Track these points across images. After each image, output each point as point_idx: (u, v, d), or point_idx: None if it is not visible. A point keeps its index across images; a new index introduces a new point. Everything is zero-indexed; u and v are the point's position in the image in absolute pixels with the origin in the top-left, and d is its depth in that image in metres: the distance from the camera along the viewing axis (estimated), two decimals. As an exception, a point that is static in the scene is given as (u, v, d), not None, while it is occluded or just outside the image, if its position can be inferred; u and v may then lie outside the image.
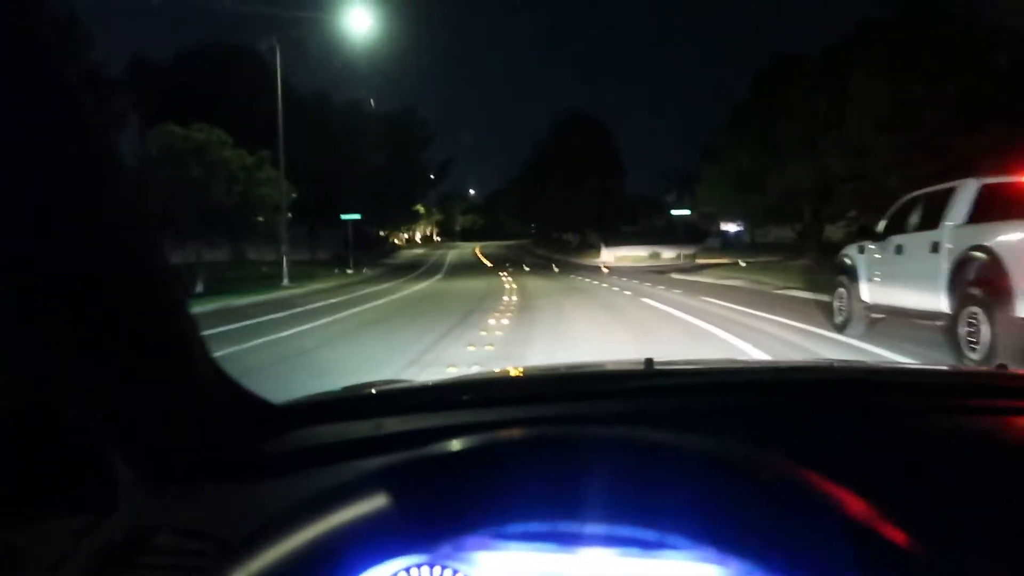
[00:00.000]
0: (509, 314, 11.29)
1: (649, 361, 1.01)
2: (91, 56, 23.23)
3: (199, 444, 0.70)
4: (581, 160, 51.35)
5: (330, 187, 33.03)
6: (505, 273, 25.63)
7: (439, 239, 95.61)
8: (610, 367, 1.18)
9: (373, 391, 0.97)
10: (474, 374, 1.16)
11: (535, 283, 19.31)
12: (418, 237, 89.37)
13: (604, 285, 17.73)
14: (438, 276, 26.23)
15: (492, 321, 11.05)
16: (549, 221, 59.86)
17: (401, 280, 23.27)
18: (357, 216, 31.13)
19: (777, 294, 13.91)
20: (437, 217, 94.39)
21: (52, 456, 0.67)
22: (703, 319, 9.56)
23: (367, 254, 40.12)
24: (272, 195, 21.91)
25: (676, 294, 14.49)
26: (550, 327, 9.38)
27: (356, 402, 0.92)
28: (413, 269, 34.49)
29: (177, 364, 0.67)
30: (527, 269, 29.87)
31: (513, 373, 1.14)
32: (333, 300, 14.92)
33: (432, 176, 57.21)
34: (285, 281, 21.21)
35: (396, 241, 70.33)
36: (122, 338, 0.62)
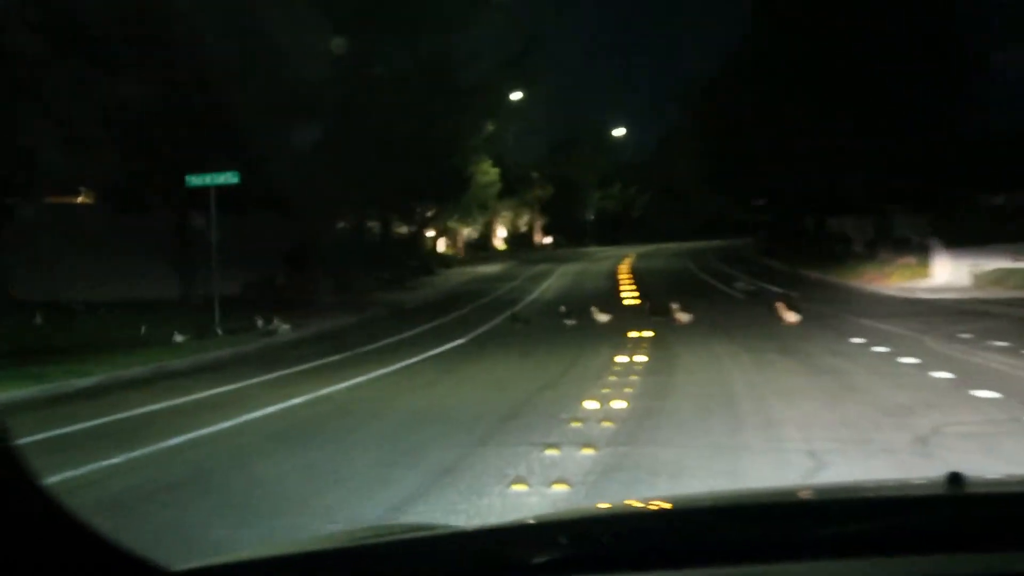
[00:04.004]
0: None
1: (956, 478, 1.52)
2: None
3: None
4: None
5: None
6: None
7: (546, 239, 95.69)
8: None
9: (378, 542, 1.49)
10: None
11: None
12: (500, 235, 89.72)
13: None
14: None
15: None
16: (792, 190, 55.70)
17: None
18: (231, 178, 28.20)
19: None
20: (541, 191, 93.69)
21: None
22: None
23: (342, 282, 41.96)
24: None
25: None
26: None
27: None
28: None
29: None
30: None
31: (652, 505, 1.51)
32: None
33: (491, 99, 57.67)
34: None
35: (444, 247, 73.54)
36: None
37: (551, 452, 9.72)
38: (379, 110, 40.54)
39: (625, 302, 35.05)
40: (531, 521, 2.03)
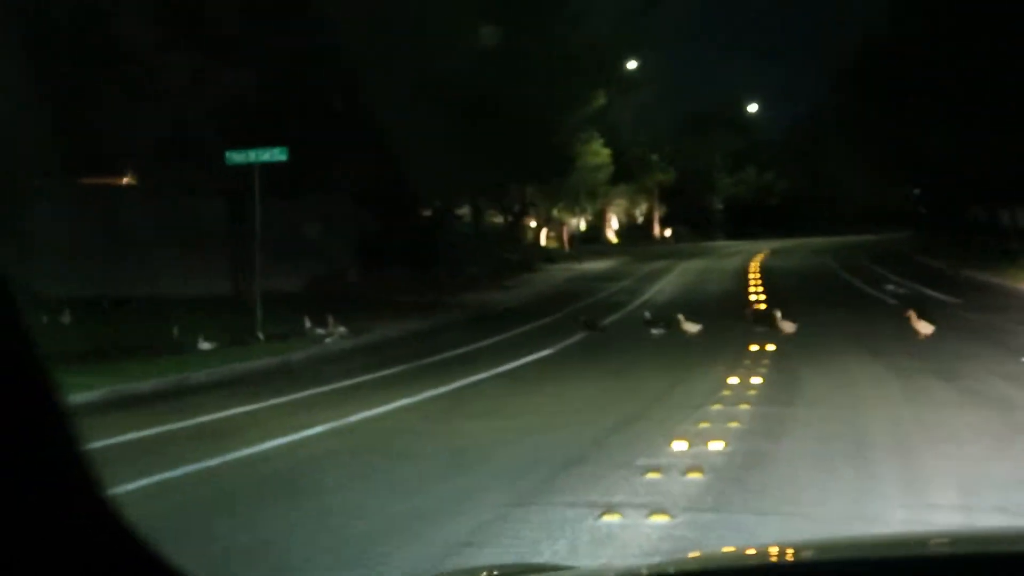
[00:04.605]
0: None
1: None
2: None
3: None
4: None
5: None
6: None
7: (666, 232, 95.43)
8: None
9: None
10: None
11: None
12: (613, 227, 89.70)
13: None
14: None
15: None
16: (960, 174, 54.62)
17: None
18: (278, 155, 27.84)
19: None
20: (662, 176, 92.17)
21: None
22: None
23: (422, 280, 41.53)
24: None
25: None
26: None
27: None
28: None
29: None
30: None
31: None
32: None
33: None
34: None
35: (546, 239, 73.56)
36: None
37: (609, 519, 8.44)
38: (466, 76, 39.57)
39: (753, 307, 33.97)
40: None
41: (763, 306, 33.54)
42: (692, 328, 24.43)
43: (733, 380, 16.74)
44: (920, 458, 10.56)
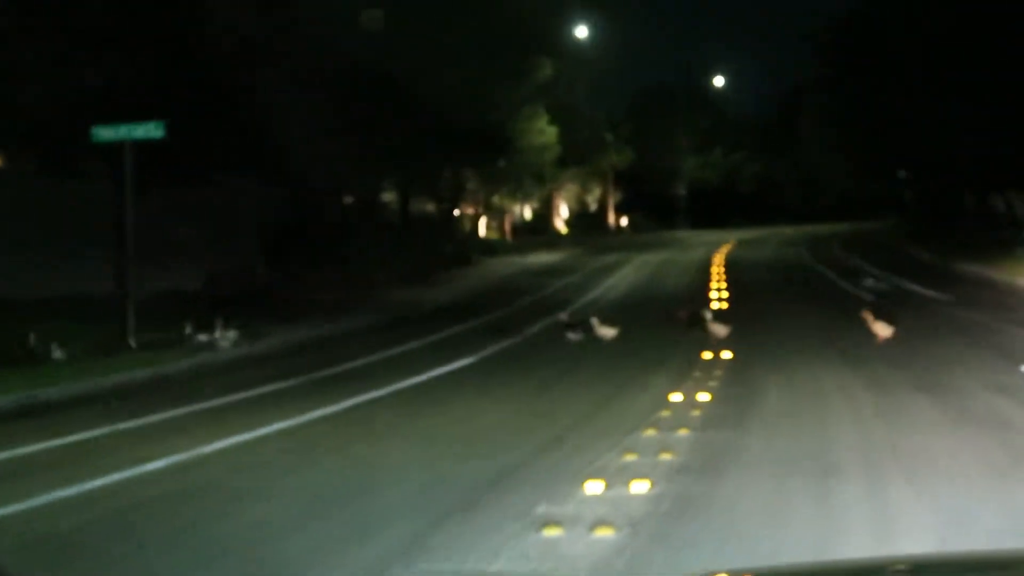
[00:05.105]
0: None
1: None
2: None
3: None
4: None
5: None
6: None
7: (623, 221, 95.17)
8: None
9: None
10: None
11: None
12: (562, 216, 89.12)
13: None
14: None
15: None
16: (948, 155, 55.29)
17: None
18: (153, 131, 26.37)
19: None
20: (618, 157, 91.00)
21: None
22: None
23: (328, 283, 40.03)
24: None
25: None
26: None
27: None
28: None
29: None
30: None
31: None
32: None
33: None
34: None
35: (486, 230, 73.31)
36: None
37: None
38: (380, 45, 38.90)
39: (714, 304, 33.76)
40: None
41: (725, 304, 33.59)
42: (608, 332, 24.21)
43: (676, 397, 15.67)
44: (895, 495, 9.76)
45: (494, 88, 49.63)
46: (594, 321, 24.59)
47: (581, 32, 60.17)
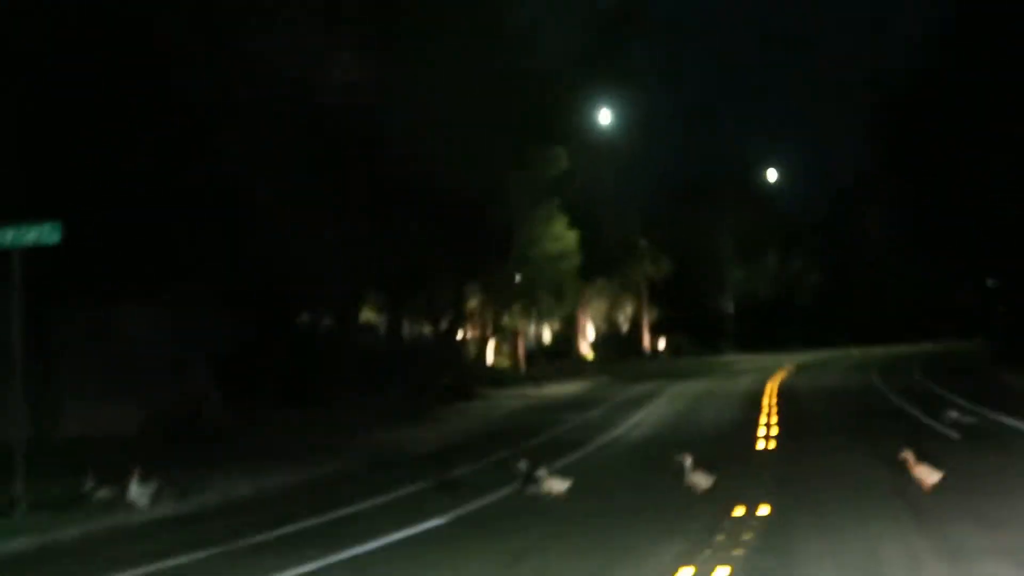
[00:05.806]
0: None
1: None
2: None
3: None
4: None
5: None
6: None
7: (659, 343, 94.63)
8: None
9: None
10: None
11: None
12: (588, 338, 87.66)
13: None
14: None
15: None
16: None
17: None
18: (49, 235, 23.08)
19: None
20: (653, 268, 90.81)
21: None
22: None
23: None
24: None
25: None
26: None
27: None
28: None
29: None
30: None
31: None
32: None
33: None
34: None
35: (490, 354, 72.37)
36: None
37: None
38: (373, 128, 38.44)
39: (758, 445, 33.09)
40: None
41: (773, 444, 32.88)
42: (557, 487, 22.96)
43: (686, 573, 14.04)
44: None
45: (497, 182, 48.58)
46: (542, 473, 23.19)
47: (604, 119, 60.03)
